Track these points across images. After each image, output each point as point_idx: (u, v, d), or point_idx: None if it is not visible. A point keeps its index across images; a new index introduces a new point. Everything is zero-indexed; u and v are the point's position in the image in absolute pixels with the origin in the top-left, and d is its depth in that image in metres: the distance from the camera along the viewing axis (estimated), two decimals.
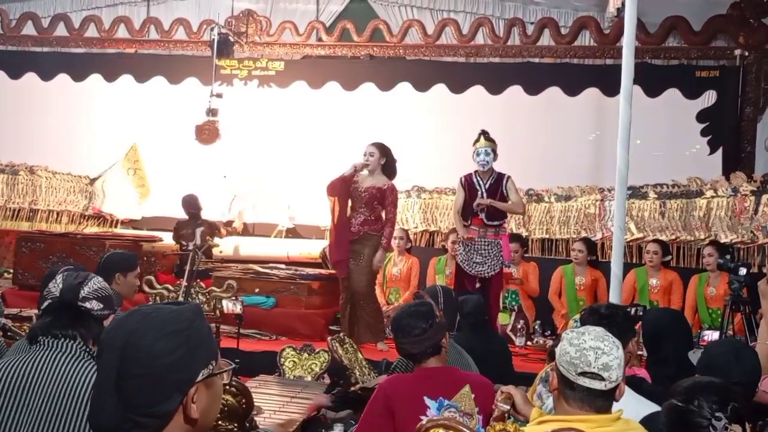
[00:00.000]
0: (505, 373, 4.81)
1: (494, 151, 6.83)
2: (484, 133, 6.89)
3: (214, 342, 1.59)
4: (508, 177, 6.90)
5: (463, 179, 6.94)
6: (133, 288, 4.43)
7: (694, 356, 3.58)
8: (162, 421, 1.48)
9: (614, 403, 2.36)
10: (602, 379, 2.26)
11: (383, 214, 6.92)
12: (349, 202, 6.97)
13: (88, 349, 2.32)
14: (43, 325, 2.38)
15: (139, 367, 1.45)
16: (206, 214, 8.89)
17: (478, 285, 6.80)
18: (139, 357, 1.45)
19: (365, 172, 6.91)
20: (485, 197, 6.77)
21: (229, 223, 9.69)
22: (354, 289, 6.88)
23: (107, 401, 1.46)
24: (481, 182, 6.85)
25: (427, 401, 3.01)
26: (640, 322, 4.20)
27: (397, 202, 7.10)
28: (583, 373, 2.26)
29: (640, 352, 4.46)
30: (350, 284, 6.90)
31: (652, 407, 2.80)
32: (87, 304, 2.40)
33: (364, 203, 6.87)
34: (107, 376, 1.47)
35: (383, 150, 6.93)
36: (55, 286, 2.44)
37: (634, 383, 3.16)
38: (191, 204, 8.73)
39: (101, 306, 2.43)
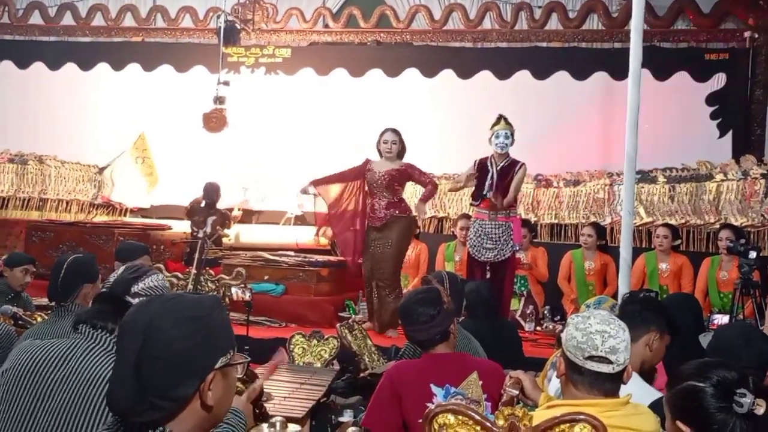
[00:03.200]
0: (515, 358, 4.81)
1: (512, 135, 6.80)
2: (503, 117, 6.87)
3: (232, 333, 1.62)
4: (522, 165, 6.83)
5: (477, 161, 6.91)
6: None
7: (705, 339, 3.57)
8: (178, 405, 1.51)
9: (622, 388, 2.36)
10: (610, 362, 2.26)
11: (402, 193, 7.08)
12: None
13: None
14: (87, 313, 2.39)
15: (158, 350, 1.48)
16: (220, 202, 8.92)
17: (488, 272, 6.79)
18: (159, 339, 1.49)
19: (379, 158, 6.96)
20: (495, 179, 6.74)
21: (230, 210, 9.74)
22: (380, 275, 6.87)
23: (125, 382, 1.49)
24: (494, 164, 6.81)
25: (434, 389, 3.00)
26: None
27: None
28: (591, 357, 2.26)
29: None
30: (374, 271, 6.89)
31: (658, 394, 2.79)
32: (135, 300, 2.37)
33: (384, 187, 6.91)
34: (127, 357, 1.50)
35: (401, 135, 7.02)
36: (114, 276, 2.43)
37: None
38: (211, 193, 8.74)
39: None
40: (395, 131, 6.98)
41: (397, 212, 6.90)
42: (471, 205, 7.21)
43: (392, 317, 6.72)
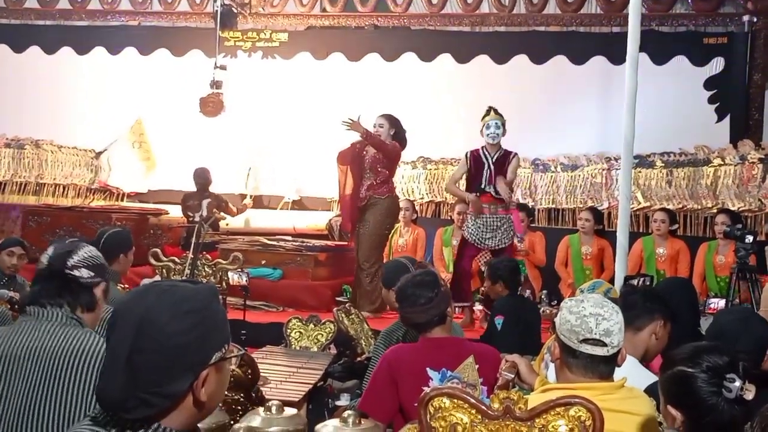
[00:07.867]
0: (538, 339, 4.98)
1: (503, 126, 6.79)
2: (492, 108, 6.87)
3: (228, 325, 1.58)
4: (515, 155, 6.86)
5: (469, 153, 6.90)
6: (129, 265, 4.48)
7: (706, 323, 3.58)
8: (170, 402, 1.47)
9: (618, 372, 2.37)
10: (604, 344, 2.27)
11: (386, 176, 7.06)
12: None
13: (74, 317, 2.32)
14: (31, 294, 2.39)
15: (153, 344, 1.44)
16: (218, 188, 8.91)
17: (488, 257, 6.82)
18: (154, 334, 1.44)
19: None
20: (492, 171, 6.74)
21: (243, 197, 9.74)
22: (359, 257, 7.00)
23: (117, 375, 1.45)
24: (488, 156, 6.80)
25: (430, 372, 2.99)
26: None
27: (399, 149, 7.13)
28: (585, 340, 2.27)
29: None
30: (357, 252, 7.03)
31: (655, 377, 2.79)
32: (75, 272, 2.37)
33: (369, 169, 7.03)
34: (120, 350, 1.45)
35: (392, 121, 7.07)
36: (46, 255, 2.43)
37: None
38: (201, 176, 8.74)
39: (91, 274, 2.40)
40: (383, 116, 7.08)
41: (374, 194, 6.99)
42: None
43: (368, 298, 6.85)
